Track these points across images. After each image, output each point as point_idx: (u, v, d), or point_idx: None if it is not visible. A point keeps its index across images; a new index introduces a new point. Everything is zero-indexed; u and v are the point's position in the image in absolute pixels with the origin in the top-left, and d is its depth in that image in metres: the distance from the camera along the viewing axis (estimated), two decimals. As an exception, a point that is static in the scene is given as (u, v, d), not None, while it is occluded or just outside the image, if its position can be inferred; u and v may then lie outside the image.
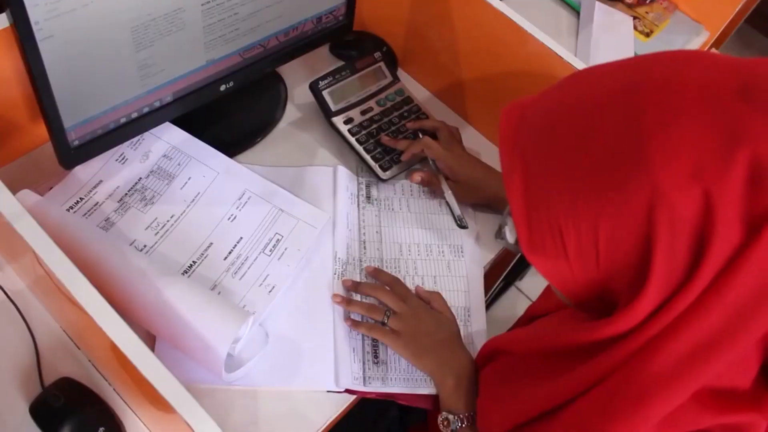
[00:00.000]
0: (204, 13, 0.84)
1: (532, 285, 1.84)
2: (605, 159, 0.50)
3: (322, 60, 1.17)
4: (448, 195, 0.99)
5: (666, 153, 0.48)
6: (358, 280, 0.91)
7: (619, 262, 0.52)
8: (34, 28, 0.68)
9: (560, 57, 0.94)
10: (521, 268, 1.71)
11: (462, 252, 0.98)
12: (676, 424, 0.54)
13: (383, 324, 0.85)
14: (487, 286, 0.98)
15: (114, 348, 0.61)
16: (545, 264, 0.56)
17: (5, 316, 0.80)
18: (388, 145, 1.03)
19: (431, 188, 1.03)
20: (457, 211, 0.99)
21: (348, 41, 1.17)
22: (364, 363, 0.85)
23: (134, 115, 0.86)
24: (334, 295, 0.88)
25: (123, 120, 0.85)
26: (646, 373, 0.52)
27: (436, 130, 1.03)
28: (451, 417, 0.79)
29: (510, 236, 0.64)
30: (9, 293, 0.81)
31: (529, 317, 0.87)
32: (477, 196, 1.00)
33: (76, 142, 0.82)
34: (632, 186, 0.49)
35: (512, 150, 0.57)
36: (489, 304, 1.65)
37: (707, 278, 0.48)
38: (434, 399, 0.85)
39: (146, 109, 0.87)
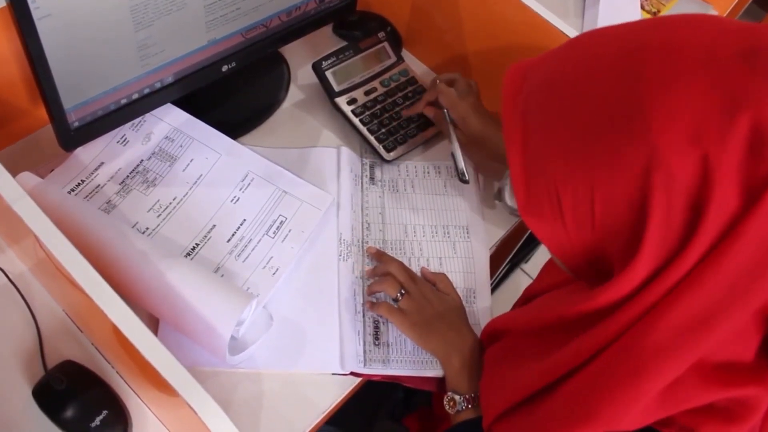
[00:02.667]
0: (205, -9, 0.82)
1: (538, 268, 1.83)
2: (603, 121, 0.50)
3: (326, 41, 1.15)
4: (455, 146, 0.97)
5: (665, 116, 0.47)
6: (361, 262, 0.91)
7: (614, 225, 0.51)
8: (31, 6, 0.67)
9: (566, 35, 0.93)
10: (527, 250, 1.70)
11: (467, 233, 0.97)
12: (680, 400, 0.54)
13: (395, 301, 0.85)
14: (493, 269, 0.97)
15: (116, 331, 0.61)
16: (542, 227, 0.56)
17: (7, 299, 0.80)
18: (409, 115, 1.03)
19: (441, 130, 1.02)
20: (461, 164, 0.97)
21: (351, 21, 1.16)
22: (365, 345, 0.84)
23: (135, 96, 0.85)
24: (368, 270, 0.89)
25: (123, 101, 0.84)
26: (642, 345, 0.52)
27: (453, 81, 1.01)
28: (457, 397, 0.79)
29: (509, 199, 0.64)
30: (11, 276, 0.81)
31: (526, 298, 0.87)
32: (484, 149, 0.98)
33: (77, 124, 0.81)
34: (630, 149, 0.48)
35: (513, 111, 0.56)
36: (494, 287, 1.64)
37: (704, 245, 0.48)
38: (440, 381, 0.84)
39: (147, 90, 0.86)
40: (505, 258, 1.46)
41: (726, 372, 0.53)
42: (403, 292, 0.84)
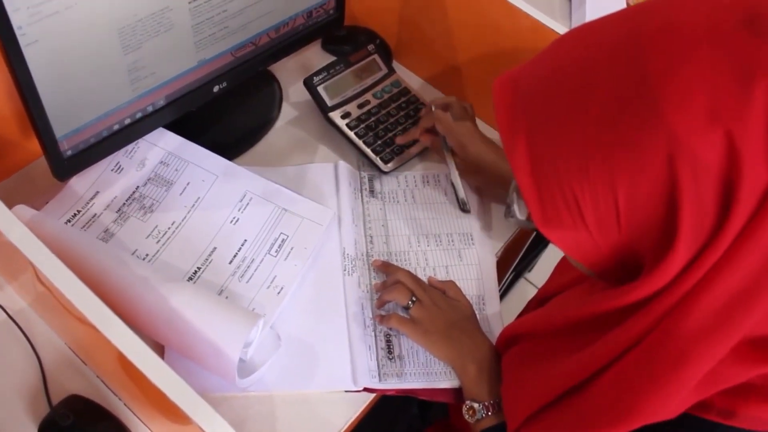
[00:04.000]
0: (192, 11, 0.81)
1: (542, 276, 1.82)
2: (612, 115, 0.48)
3: (315, 57, 1.15)
4: (454, 175, 0.96)
5: (678, 98, 0.45)
6: (367, 275, 0.89)
7: (642, 221, 0.49)
8: (17, 33, 0.65)
9: (556, 32, 0.92)
10: (529, 258, 1.68)
11: (472, 240, 0.95)
12: (717, 380, 0.52)
13: (406, 309, 0.83)
14: (497, 278, 0.95)
15: (123, 359, 0.59)
16: (563, 237, 0.53)
17: (8, 336, 0.78)
18: (402, 143, 1.01)
19: (438, 157, 1.00)
20: (461, 193, 0.96)
21: (340, 36, 1.15)
22: (378, 359, 0.82)
23: (127, 121, 0.84)
24: (376, 285, 0.87)
25: (116, 127, 0.83)
26: (681, 332, 0.50)
27: (449, 105, 0.99)
28: (476, 405, 0.77)
29: (520, 213, 0.62)
30: (10, 312, 0.78)
31: (540, 299, 0.85)
32: (485, 175, 0.96)
33: (69, 152, 0.79)
34: (646, 138, 0.46)
35: (511, 124, 0.54)
36: (500, 297, 1.63)
37: (739, 224, 0.46)
38: (456, 392, 0.82)
39: (139, 115, 0.85)
40: (509, 267, 1.44)
41: (762, 348, 0.51)
42: (414, 299, 0.83)
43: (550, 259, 1.72)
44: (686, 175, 0.46)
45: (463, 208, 0.97)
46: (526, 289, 1.84)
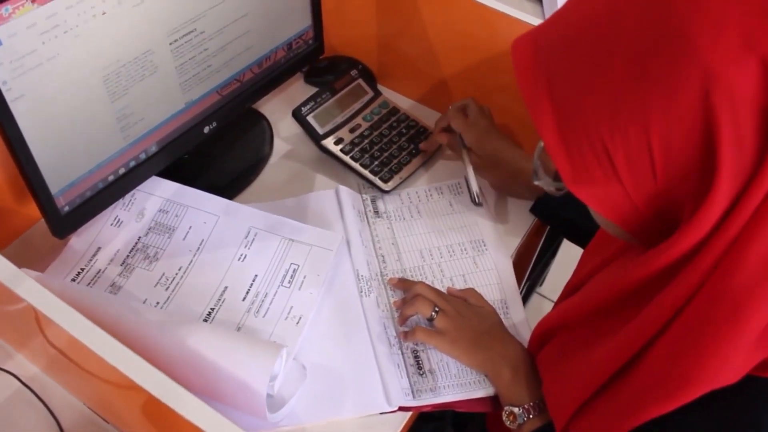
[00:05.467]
0: (173, 52, 0.81)
1: (553, 288, 1.80)
2: (641, 55, 0.46)
3: (300, 92, 1.14)
4: (468, 169, 0.97)
5: (709, 30, 0.43)
6: (385, 295, 0.87)
7: (679, 164, 0.47)
8: (2, 88, 0.65)
9: (534, 26, 0.92)
10: (540, 269, 1.66)
11: (485, 245, 0.93)
12: None
13: (430, 320, 0.80)
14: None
15: (150, 406, 0.56)
16: (594, 193, 0.51)
17: (24, 403, 0.74)
18: (426, 149, 1.03)
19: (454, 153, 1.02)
20: (475, 187, 0.96)
21: (321, 67, 1.15)
22: (409, 377, 0.79)
23: (121, 171, 0.83)
24: (394, 302, 0.85)
25: (111, 178, 0.82)
26: (733, 285, 0.47)
27: (466, 106, 1.00)
28: (515, 410, 0.73)
29: (547, 174, 0.60)
30: (23, 380, 0.76)
31: (570, 290, 0.82)
32: (502, 170, 0.96)
33: (66, 208, 0.78)
34: (680, 75, 0.44)
35: (534, 81, 0.52)
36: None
37: None
38: (493, 400, 0.79)
39: (133, 163, 0.84)
40: (521, 280, 1.42)
41: None
42: (437, 310, 0.80)
43: (560, 272, 1.70)
44: (723, 109, 0.44)
45: (476, 201, 0.96)
46: (541, 304, 1.82)
